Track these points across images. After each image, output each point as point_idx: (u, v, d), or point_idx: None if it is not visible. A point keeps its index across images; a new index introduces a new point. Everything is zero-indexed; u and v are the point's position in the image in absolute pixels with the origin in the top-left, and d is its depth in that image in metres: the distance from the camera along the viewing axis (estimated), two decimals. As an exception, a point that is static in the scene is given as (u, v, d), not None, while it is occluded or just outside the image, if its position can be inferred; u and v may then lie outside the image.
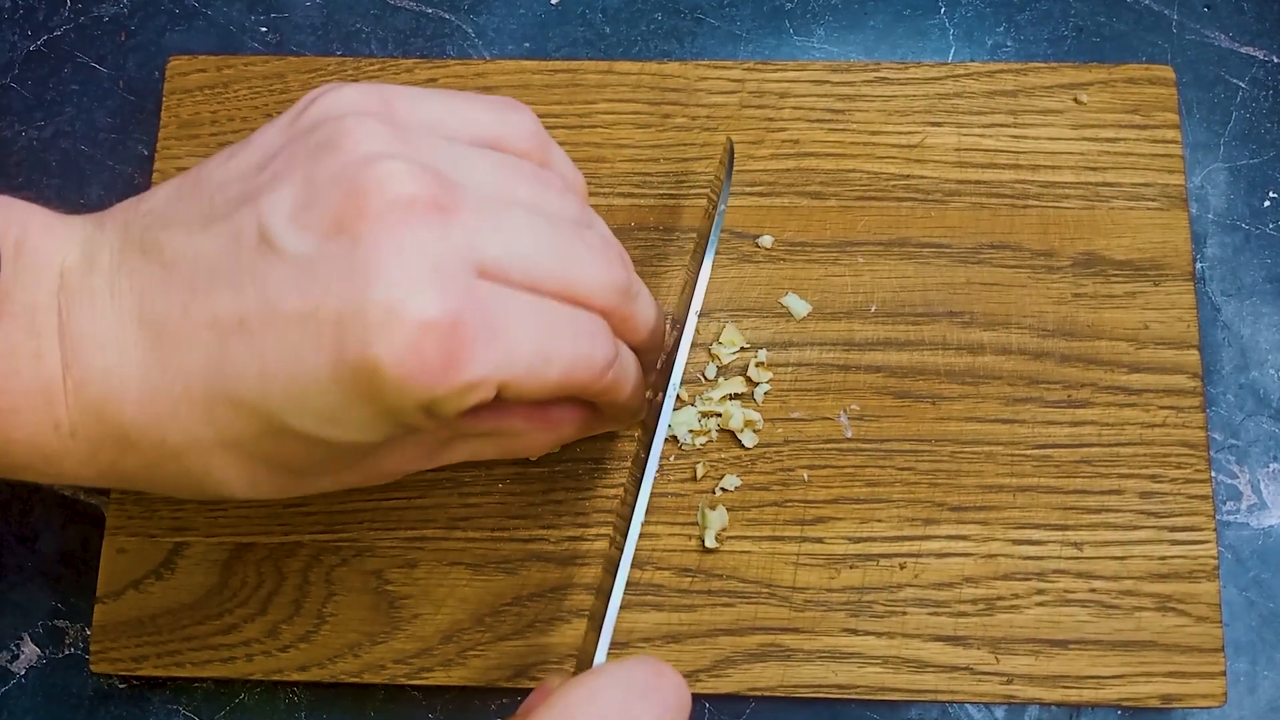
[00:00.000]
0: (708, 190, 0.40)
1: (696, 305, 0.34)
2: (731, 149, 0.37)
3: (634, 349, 0.32)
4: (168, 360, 0.26)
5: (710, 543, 0.37)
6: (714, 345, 0.39)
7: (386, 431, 0.27)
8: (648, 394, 0.34)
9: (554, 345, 0.27)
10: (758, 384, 0.39)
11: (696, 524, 0.38)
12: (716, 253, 0.40)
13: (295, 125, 0.28)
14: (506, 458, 0.32)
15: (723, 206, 0.36)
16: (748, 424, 0.38)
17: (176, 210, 0.28)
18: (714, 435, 0.38)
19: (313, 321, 0.25)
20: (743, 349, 0.39)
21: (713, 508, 0.37)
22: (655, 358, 0.34)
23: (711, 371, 0.39)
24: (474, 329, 0.25)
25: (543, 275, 0.27)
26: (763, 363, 0.39)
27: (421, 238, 0.25)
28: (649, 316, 0.31)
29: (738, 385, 0.39)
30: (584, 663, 0.29)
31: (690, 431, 0.38)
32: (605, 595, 0.30)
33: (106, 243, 0.27)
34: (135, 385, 0.26)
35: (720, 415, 0.38)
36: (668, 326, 0.34)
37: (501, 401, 0.27)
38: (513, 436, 0.31)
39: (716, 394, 0.38)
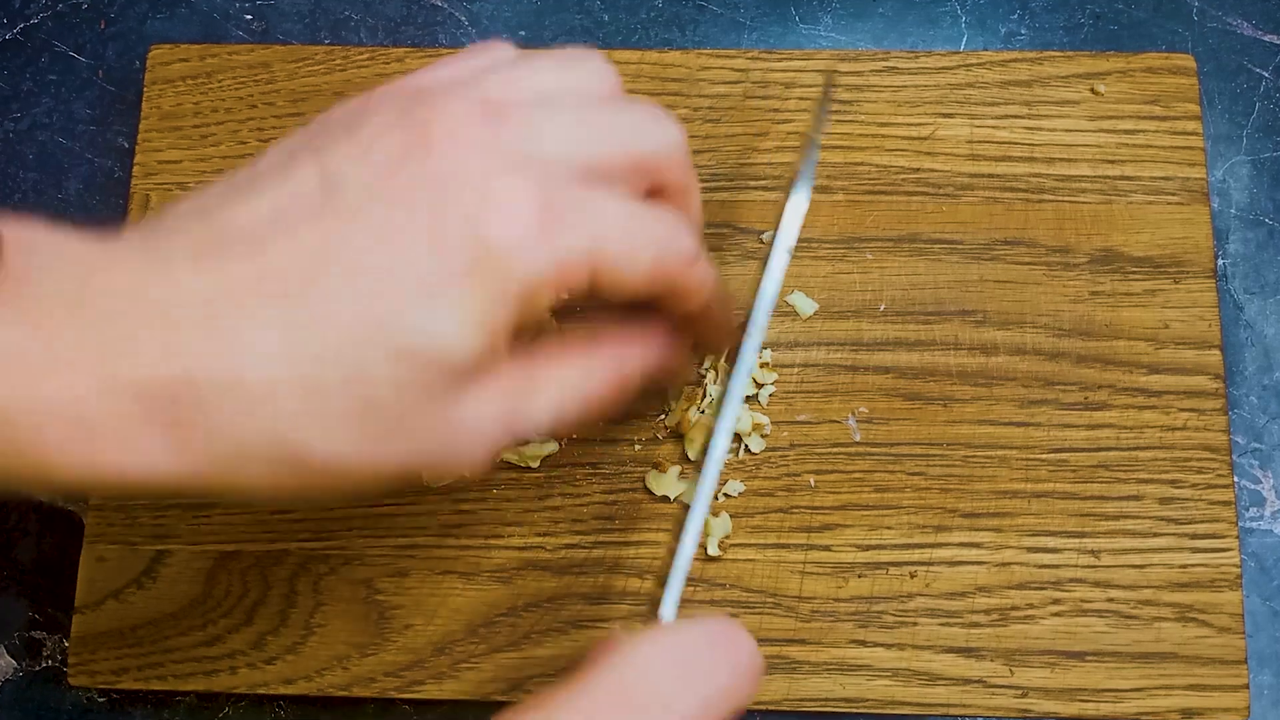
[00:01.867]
0: (766, 179, 0.40)
1: (790, 241, 0.34)
2: (830, 78, 0.37)
3: None
4: (239, 304, 0.25)
5: (713, 550, 0.37)
6: None
7: (481, 337, 0.26)
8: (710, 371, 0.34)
9: (640, 227, 0.28)
10: (762, 385, 0.38)
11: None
12: (718, 250, 0.40)
13: (321, 121, 0.29)
14: (590, 417, 0.31)
15: (818, 138, 0.36)
16: (755, 428, 0.38)
17: (207, 200, 0.27)
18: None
19: (403, 224, 0.25)
20: None
21: (715, 514, 0.37)
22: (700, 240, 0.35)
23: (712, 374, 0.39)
24: (565, 204, 0.27)
25: (606, 151, 0.28)
26: (767, 363, 0.39)
27: (486, 140, 0.26)
28: (698, 187, 0.33)
29: (746, 386, 0.38)
30: (651, 618, 0.29)
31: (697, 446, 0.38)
32: (672, 550, 0.30)
33: (134, 235, 0.26)
34: (200, 333, 0.25)
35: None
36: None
37: (563, 344, 0.28)
38: (581, 378, 0.31)
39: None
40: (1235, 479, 0.39)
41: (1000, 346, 0.39)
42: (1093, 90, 0.41)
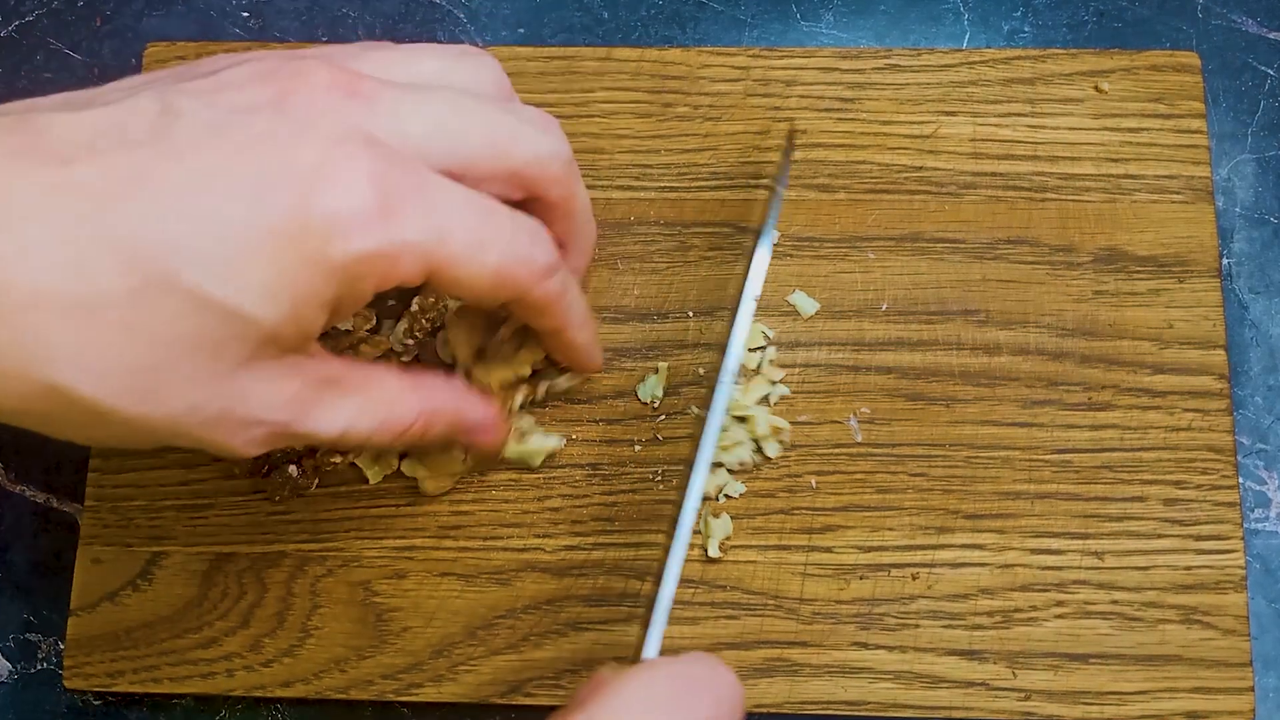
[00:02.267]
0: (767, 179, 0.40)
1: (751, 294, 0.33)
2: (791, 136, 0.37)
3: (572, 255, 0.32)
4: (28, 207, 0.23)
5: (714, 552, 0.37)
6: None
7: (285, 307, 0.25)
8: (693, 409, 0.34)
9: (491, 232, 0.27)
10: (775, 383, 0.38)
11: (699, 532, 0.37)
12: (720, 249, 0.40)
13: (188, 65, 0.28)
14: (379, 440, 0.30)
15: (780, 190, 0.36)
16: (774, 431, 0.38)
17: (35, 104, 0.26)
18: (748, 445, 0.38)
19: (229, 170, 0.24)
20: (758, 348, 0.39)
21: (716, 515, 0.37)
22: (583, 264, 0.34)
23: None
24: (408, 188, 0.25)
25: (472, 150, 0.27)
26: (774, 360, 0.39)
27: (347, 115, 0.25)
28: (585, 204, 0.31)
29: (764, 387, 0.38)
30: (635, 657, 0.30)
31: (722, 448, 0.38)
32: (656, 584, 0.30)
33: None
34: None
35: (746, 420, 0.38)
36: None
37: (375, 363, 0.27)
38: (383, 398, 0.30)
39: (749, 397, 0.38)
40: (1240, 480, 0.39)
41: (1003, 346, 0.39)
42: (1097, 88, 0.41)
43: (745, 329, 0.33)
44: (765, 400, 0.38)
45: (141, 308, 0.24)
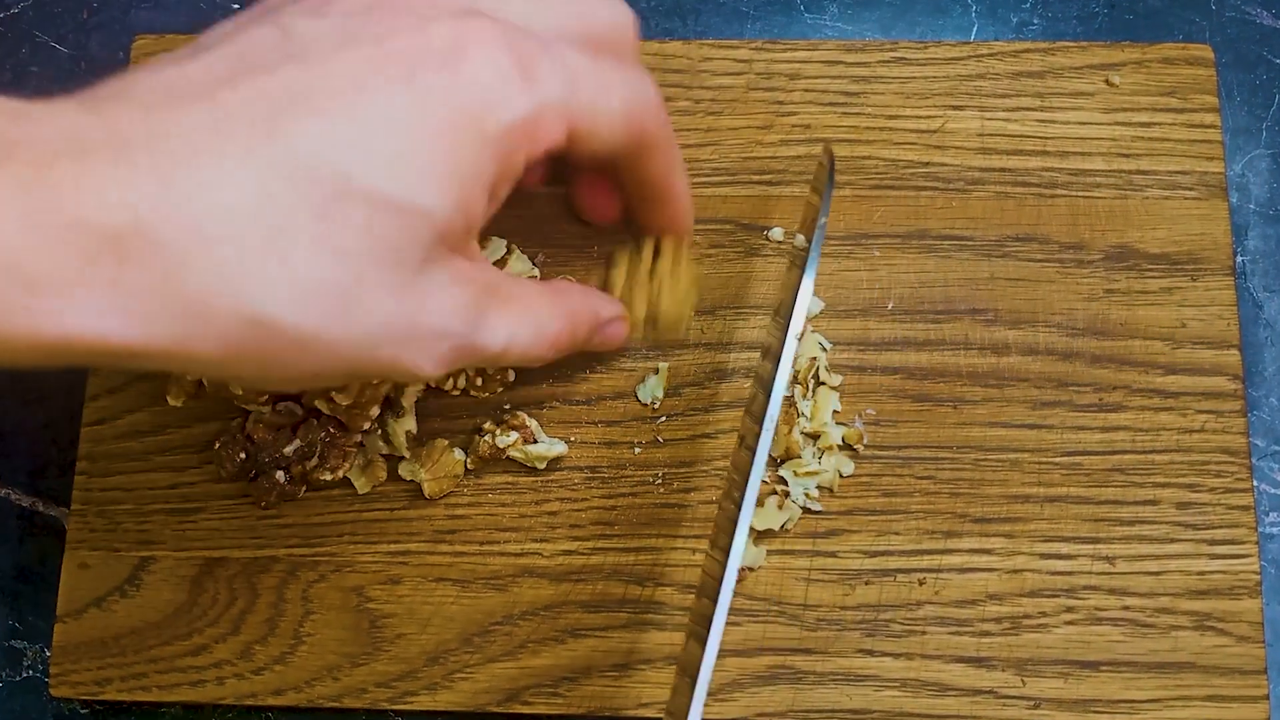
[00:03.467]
0: (805, 198, 0.39)
1: (797, 326, 0.33)
2: (832, 161, 0.36)
3: None
4: (196, 145, 0.23)
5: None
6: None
7: (456, 191, 0.26)
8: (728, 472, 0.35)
9: (609, 75, 0.29)
10: (834, 389, 0.38)
11: (701, 537, 0.37)
12: (722, 246, 0.40)
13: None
14: (536, 353, 0.31)
15: (823, 220, 0.35)
16: (852, 439, 0.37)
17: (154, 65, 0.26)
18: (828, 470, 0.37)
19: (375, 65, 0.25)
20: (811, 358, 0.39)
21: (755, 543, 0.37)
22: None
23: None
24: (536, 51, 0.27)
25: (565, 21, 0.30)
26: (828, 367, 0.38)
27: (451, 5, 0.27)
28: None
29: (831, 398, 0.38)
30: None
31: (802, 474, 0.37)
32: (699, 644, 0.30)
33: (85, 94, 0.25)
34: (153, 171, 0.23)
35: (819, 437, 0.38)
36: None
37: (515, 277, 0.30)
38: (534, 308, 0.31)
39: (822, 413, 0.38)
40: (1255, 483, 0.39)
41: (1012, 346, 0.39)
42: (1107, 82, 0.41)
43: (787, 372, 0.32)
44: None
45: (326, 222, 0.24)
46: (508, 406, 0.38)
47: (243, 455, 0.37)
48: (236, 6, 0.45)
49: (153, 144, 0.23)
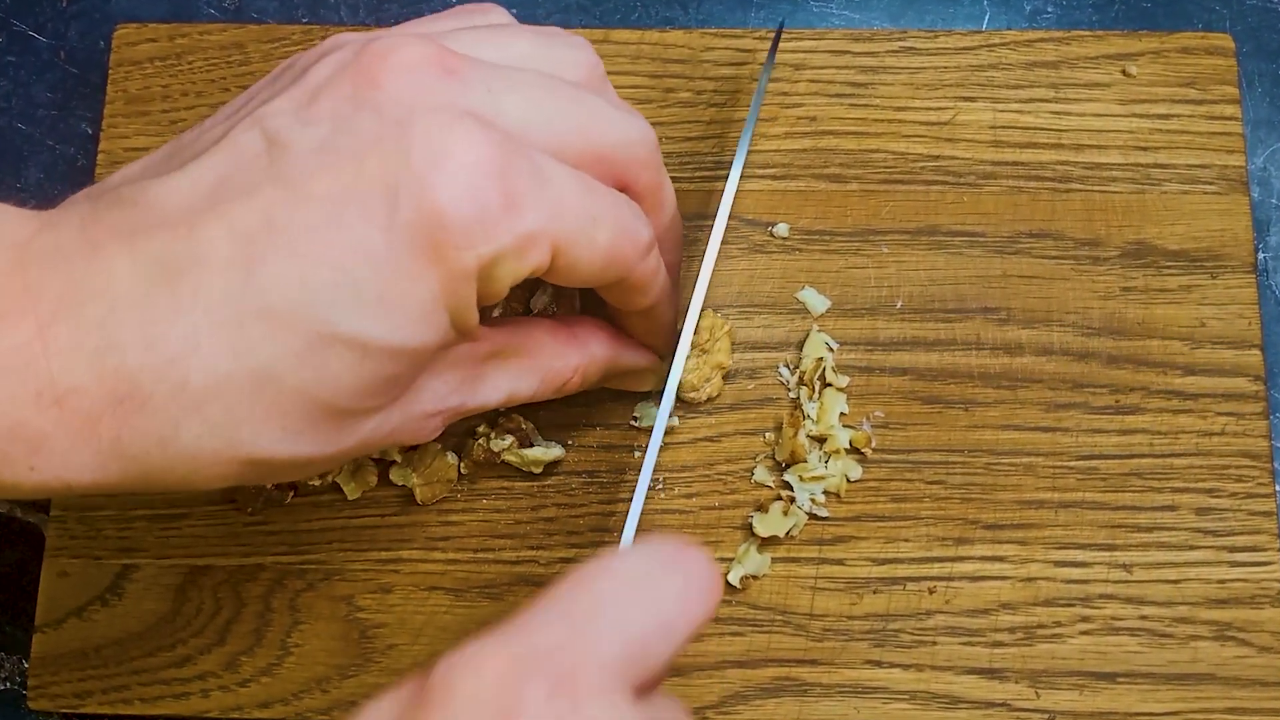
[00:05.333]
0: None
1: (725, 212, 0.34)
2: (778, 35, 0.37)
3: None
4: (179, 293, 0.25)
5: (734, 579, 0.37)
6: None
7: (441, 324, 0.27)
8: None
9: (599, 206, 0.28)
10: (840, 390, 0.38)
11: (703, 543, 0.37)
12: (724, 243, 0.40)
13: (275, 71, 0.29)
14: (541, 397, 0.33)
15: (756, 103, 0.36)
16: (859, 445, 0.37)
17: (151, 169, 0.27)
18: (838, 469, 0.37)
19: (354, 193, 0.25)
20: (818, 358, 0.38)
21: (760, 550, 0.37)
22: (676, 258, 0.35)
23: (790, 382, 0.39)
24: (524, 174, 0.26)
25: (566, 133, 0.28)
26: (834, 368, 0.38)
27: (442, 94, 0.26)
28: (672, 195, 0.33)
29: (839, 399, 0.38)
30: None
31: (807, 479, 0.37)
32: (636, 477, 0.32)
33: (73, 212, 0.26)
34: (140, 328, 0.24)
35: (825, 440, 0.38)
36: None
37: (531, 319, 0.29)
38: (541, 357, 0.32)
39: (830, 415, 0.38)
40: (1277, 488, 0.39)
41: (1025, 346, 0.39)
42: (1124, 72, 0.41)
43: (715, 251, 0.34)
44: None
45: (311, 367, 0.26)
46: (503, 409, 0.38)
47: (228, 459, 0.37)
48: (221, -6, 0.45)
49: (137, 291, 0.25)
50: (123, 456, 0.25)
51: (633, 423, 0.38)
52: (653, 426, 0.38)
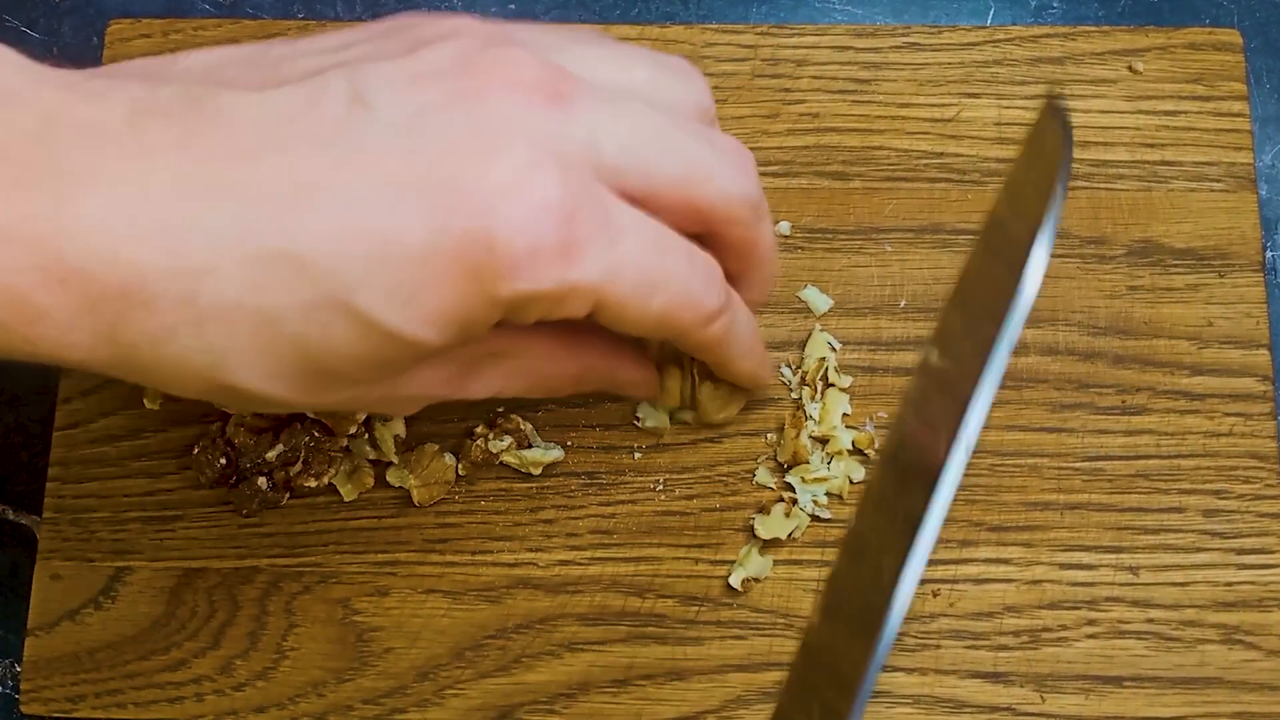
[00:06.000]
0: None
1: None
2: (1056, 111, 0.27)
3: (747, 289, 0.32)
4: (216, 212, 0.25)
5: (735, 582, 0.37)
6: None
7: (453, 332, 0.27)
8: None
9: (664, 272, 0.28)
10: (843, 390, 0.38)
11: (704, 546, 0.37)
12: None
13: (388, 25, 0.29)
14: (530, 395, 0.33)
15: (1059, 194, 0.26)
16: (862, 446, 0.37)
17: (228, 72, 0.27)
18: (837, 476, 0.37)
19: (417, 184, 0.25)
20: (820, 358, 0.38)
21: (761, 553, 0.37)
22: (761, 297, 0.34)
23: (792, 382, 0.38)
24: (592, 225, 0.26)
25: (663, 180, 0.28)
26: (836, 368, 0.38)
27: (542, 122, 0.26)
28: (770, 247, 0.32)
29: (842, 400, 0.38)
30: None
31: (810, 480, 0.37)
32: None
33: (124, 89, 0.26)
34: (166, 233, 0.24)
35: (828, 441, 0.38)
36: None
37: (532, 327, 0.29)
38: (536, 362, 0.32)
39: (832, 416, 0.37)
40: (1285, 489, 0.39)
41: (1030, 346, 0.39)
42: (1130, 68, 0.41)
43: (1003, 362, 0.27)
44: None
45: (314, 323, 0.26)
46: (501, 409, 0.38)
47: (223, 461, 0.37)
48: (216, -11, 0.45)
49: (173, 197, 0.24)
50: (114, 343, 0.25)
51: (635, 423, 0.38)
52: (655, 427, 0.38)
